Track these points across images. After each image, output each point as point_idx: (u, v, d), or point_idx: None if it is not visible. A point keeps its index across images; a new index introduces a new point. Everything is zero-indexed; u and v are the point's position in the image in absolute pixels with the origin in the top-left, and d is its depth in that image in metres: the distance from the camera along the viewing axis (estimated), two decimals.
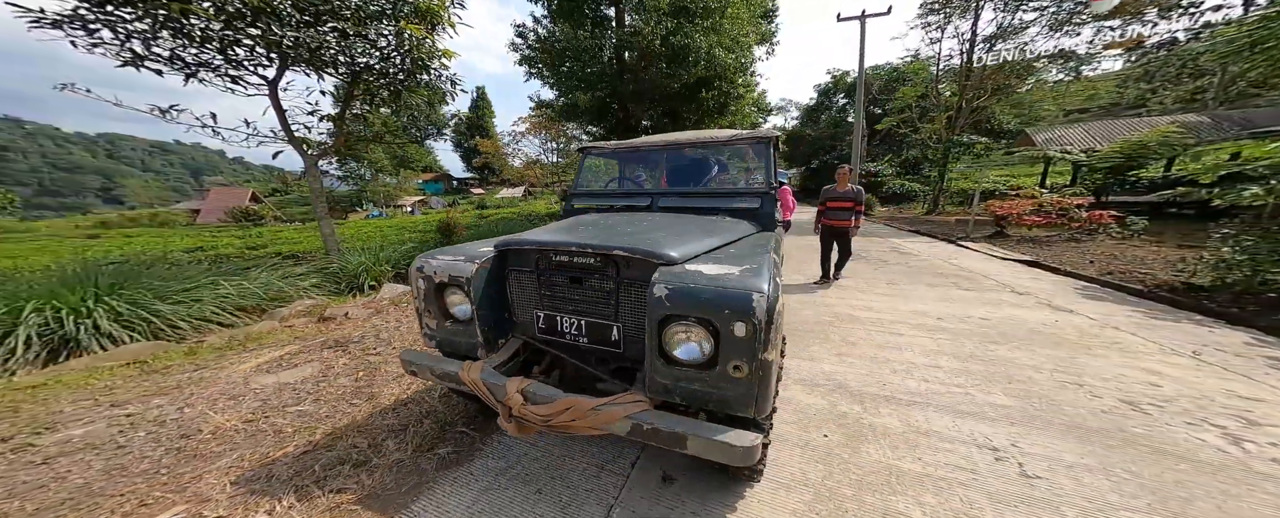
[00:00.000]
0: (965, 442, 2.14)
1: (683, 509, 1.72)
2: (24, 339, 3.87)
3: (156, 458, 2.07)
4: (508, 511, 1.70)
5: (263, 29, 4.35)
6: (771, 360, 1.39)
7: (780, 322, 1.43)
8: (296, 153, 5.13)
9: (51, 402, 2.74)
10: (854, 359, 3.12)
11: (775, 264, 1.75)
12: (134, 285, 4.78)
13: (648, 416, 1.52)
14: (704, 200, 2.71)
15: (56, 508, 1.74)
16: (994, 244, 8.14)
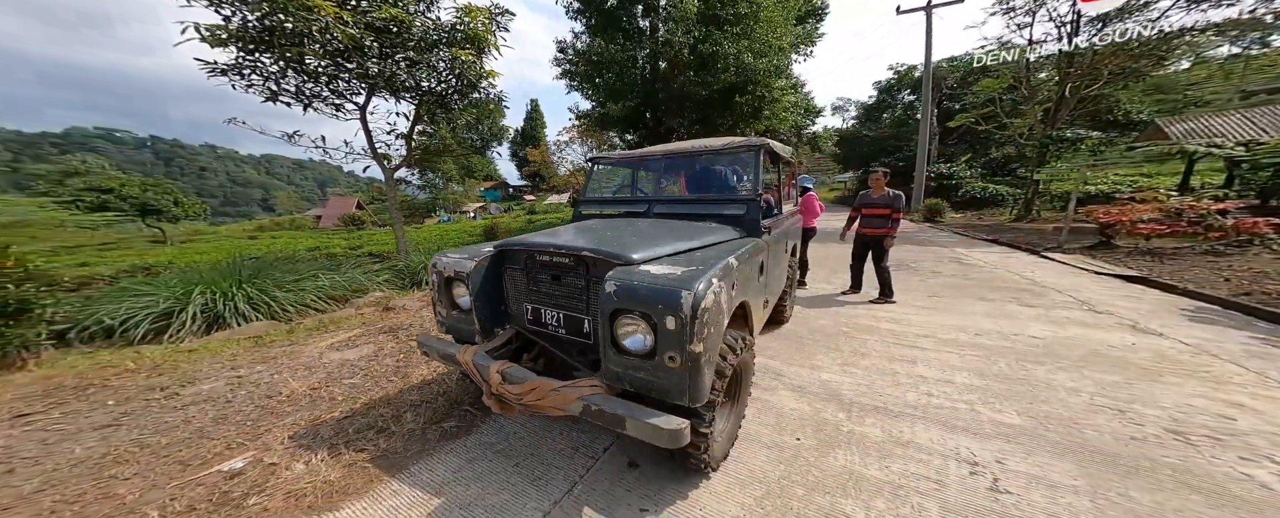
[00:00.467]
0: (945, 455, 2.07)
1: (639, 492, 1.89)
2: (191, 315, 5.01)
3: (247, 413, 2.66)
4: (485, 478, 1.99)
5: (356, 63, 5.22)
6: (700, 353, 1.53)
7: (712, 318, 1.56)
8: (378, 167, 6.06)
9: (198, 363, 3.56)
10: (858, 370, 3.04)
11: (732, 268, 1.87)
12: (263, 277, 5.91)
13: (598, 398, 1.72)
14: (695, 207, 2.85)
15: (179, 444, 2.33)
16: (1092, 256, 7.11)
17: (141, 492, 1.91)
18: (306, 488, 1.89)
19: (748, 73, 8.22)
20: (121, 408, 2.80)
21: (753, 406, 2.58)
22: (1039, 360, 3.12)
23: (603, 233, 2.32)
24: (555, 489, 1.90)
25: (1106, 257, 6.97)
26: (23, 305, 4.13)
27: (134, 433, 2.47)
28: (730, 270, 1.86)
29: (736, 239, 2.43)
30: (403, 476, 1.99)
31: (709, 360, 1.60)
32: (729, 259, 1.91)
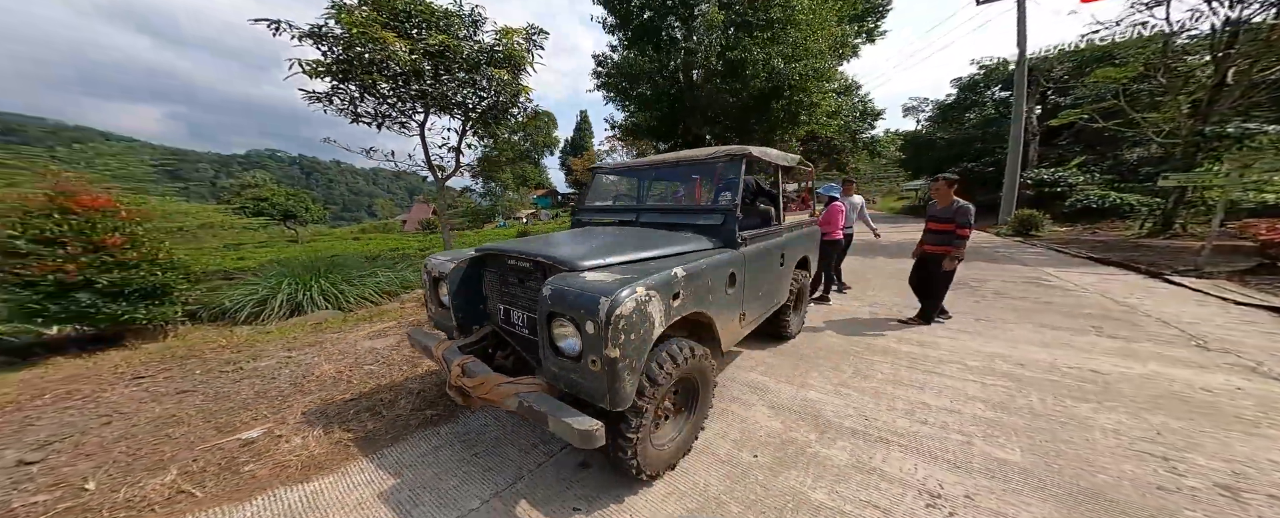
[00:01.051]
0: (908, 485, 1.91)
1: (579, 491, 1.96)
2: (279, 302, 5.91)
3: (282, 389, 3.09)
4: (445, 464, 2.16)
5: (415, 86, 5.89)
6: (616, 358, 1.58)
7: (632, 325, 1.60)
8: (433, 177, 6.75)
9: (268, 343, 4.19)
10: (852, 392, 2.85)
11: (673, 279, 1.89)
12: (336, 273, 6.79)
13: (531, 396, 1.82)
14: (675, 216, 2.86)
15: (224, 412, 2.77)
16: (1243, 282, 5.76)
17: (177, 451, 2.31)
18: (292, 460, 2.18)
19: (780, 78, 7.93)
20: (202, 377, 3.37)
21: (722, 419, 2.53)
22: (1087, 398, 2.70)
23: (569, 241, 2.43)
24: (502, 480, 2.02)
25: (1267, 284, 5.64)
26: (165, 289, 5.12)
27: (199, 399, 2.98)
28: (672, 281, 1.87)
29: (704, 250, 2.41)
30: (374, 456, 2.22)
31: (630, 367, 1.62)
32: (674, 270, 1.92)
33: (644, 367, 1.74)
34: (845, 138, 19.88)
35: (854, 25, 17.23)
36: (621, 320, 1.57)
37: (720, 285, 2.29)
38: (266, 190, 36.40)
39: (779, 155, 3.23)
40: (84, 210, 4.54)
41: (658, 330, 1.76)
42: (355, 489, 1.97)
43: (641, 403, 1.75)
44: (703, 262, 2.16)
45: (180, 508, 1.86)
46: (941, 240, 3.99)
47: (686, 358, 1.95)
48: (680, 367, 1.90)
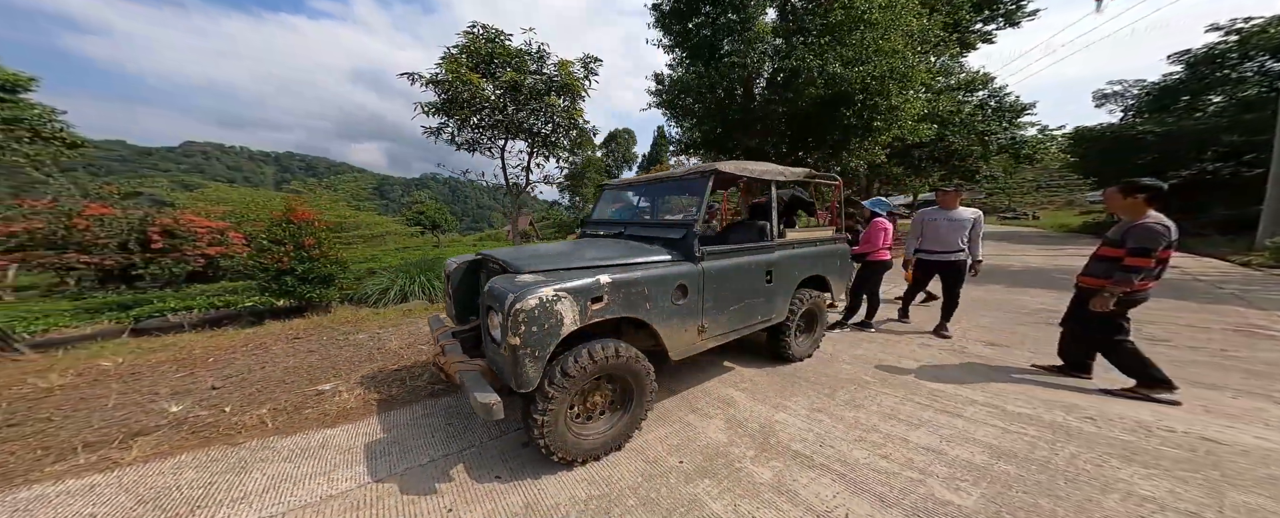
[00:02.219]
0: (811, 510, 1.86)
1: (510, 463, 2.26)
2: (392, 293, 7.35)
3: (361, 356, 3.95)
4: (422, 427, 2.63)
5: (496, 117, 6.94)
6: (516, 345, 1.88)
7: (533, 319, 1.89)
8: (509, 192, 7.82)
9: (370, 323, 5.28)
10: (825, 419, 2.69)
11: (595, 284, 2.13)
12: (434, 270, 8.15)
13: (470, 373, 2.20)
14: (652, 230, 3.02)
15: (320, 368, 3.66)
16: None
17: (280, 393, 3.16)
18: (333, 410, 2.86)
19: (840, 84, 7.27)
20: (324, 343, 4.45)
21: (673, 425, 2.63)
22: (1130, 458, 2.20)
23: (543, 250, 2.78)
24: (455, 446, 2.42)
25: None
26: (330, 278, 6.79)
27: (314, 358, 3.97)
28: (591, 287, 2.10)
29: (659, 261, 2.55)
30: (383, 414, 2.80)
31: (531, 355, 1.91)
32: (597, 278, 2.15)
33: (548, 358, 1.98)
34: (970, 141, 17.00)
35: (976, 12, 14.97)
36: (521, 314, 1.86)
37: (663, 295, 2.42)
38: (424, 206, 44.59)
39: (768, 170, 3.21)
40: (297, 221, 6.32)
41: (567, 327, 2.01)
42: (356, 437, 2.54)
43: (551, 390, 2.00)
44: (639, 273, 2.34)
45: (255, 432, 2.61)
46: (1102, 271, 2.95)
47: (609, 357, 2.15)
48: (598, 363, 2.11)
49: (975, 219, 4.22)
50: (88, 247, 10.94)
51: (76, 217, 11.28)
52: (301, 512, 1.88)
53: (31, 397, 3.10)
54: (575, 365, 2.04)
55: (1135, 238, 2.74)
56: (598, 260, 2.42)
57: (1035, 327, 4.69)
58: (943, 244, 4.26)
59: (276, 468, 2.21)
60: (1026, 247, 13.98)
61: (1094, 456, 2.22)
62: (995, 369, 3.50)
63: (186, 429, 2.63)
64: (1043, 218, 34.57)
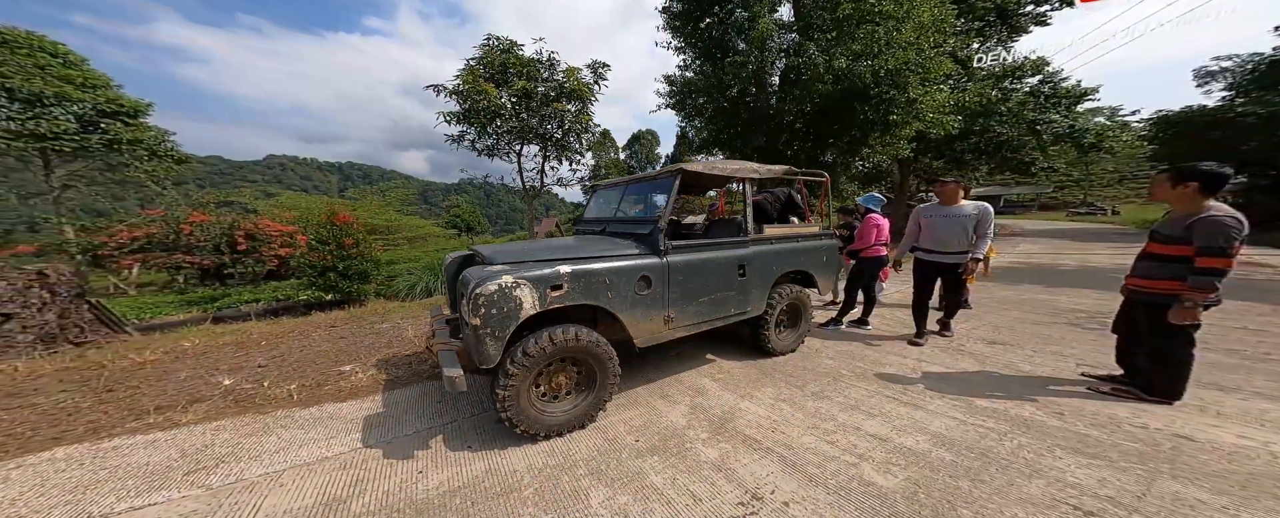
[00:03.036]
0: (743, 486, 1.99)
1: (484, 436, 2.50)
2: (420, 288, 7.97)
3: (380, 343, 4.39)
4: (418, 404, 2.94)
5: (510, 124, 7.37)
6: (476, 325, 2.15)
7: (491, 303, 2.13)
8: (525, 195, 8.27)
9: (393, 314, 5.81)
10: (787, 408, 2.78)
11: (554, 274, 2.36)
12: None
13: (446, 353, 2.48)
14: (626, 227, 3.22)
15: (343, 353, 4.13)
16: None
17: (309, 371, 3.61)
18: (346, 388, 3.26)
19: (850, 79, 7.03)
20: (354, 331, 4.96)
21: (639, 408, 2.81)
22: (1088, 451, 2.16)
23: (524, 246, 3.03)
24: (439, 420, 2.71)
25: None
26: (366, 275, 7.50)
27: (344, 343, 4.46)
28: (550, 276, 2.34)
29: (627, 254, 2.74)
30: (386, 393, 3.16)
31: (491, 335, 2.16)
32: (557, 268, 2.38)
33: (508, 338, 2.22)
34: (1020, 131, 15.81)
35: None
36: (481, 298, 2.12)
37: (626, 286, 2.62)
38: (460, 210, 47.00)
39: (741, 169, 3.32)
40: (339, 224, 7.06)
41: (526, 311, 2.24)
42: (360, 411, 2.89)
43: (512, 368, 2.24)
44: (599, 264, 2.54)
45: (282, 403, 3.02)
46: (1168, 272, 2.45)
47: (569, 340, 2.36)
48: (558, 346, 2.33)
49: (980, 214, 3.72)
50: (191, 248, 12.47)
51: (183, 223, 12.91)
52: (300, 469, 2.21)
53: (129, 368, 3.72)
54: (535, 346, 2.27)
55: (1205, 234, 2.26)
56: (565, 254, 2.64)
57: (1051, 327, 4.48)
58: (940, 244, 3.84)
59: (291, 434, 2.59)
60: (1093, 244, 12.93)
61: (1042, 446, 2.21)
62: (984, 367, 3.43)
63: (232, 398, 3.10)
64: (1125, 212, 31.43)
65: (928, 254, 3.97)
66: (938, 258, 3.89)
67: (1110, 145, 18.59)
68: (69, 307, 4.23)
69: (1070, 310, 5.15)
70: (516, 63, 6.89)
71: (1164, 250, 2.52)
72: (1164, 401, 2.67)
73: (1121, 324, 2.92)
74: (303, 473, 2.18)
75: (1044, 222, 29.29)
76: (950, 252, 3.82)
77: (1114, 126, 20.03)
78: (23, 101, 13.35)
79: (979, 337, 4.21)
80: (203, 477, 2.15)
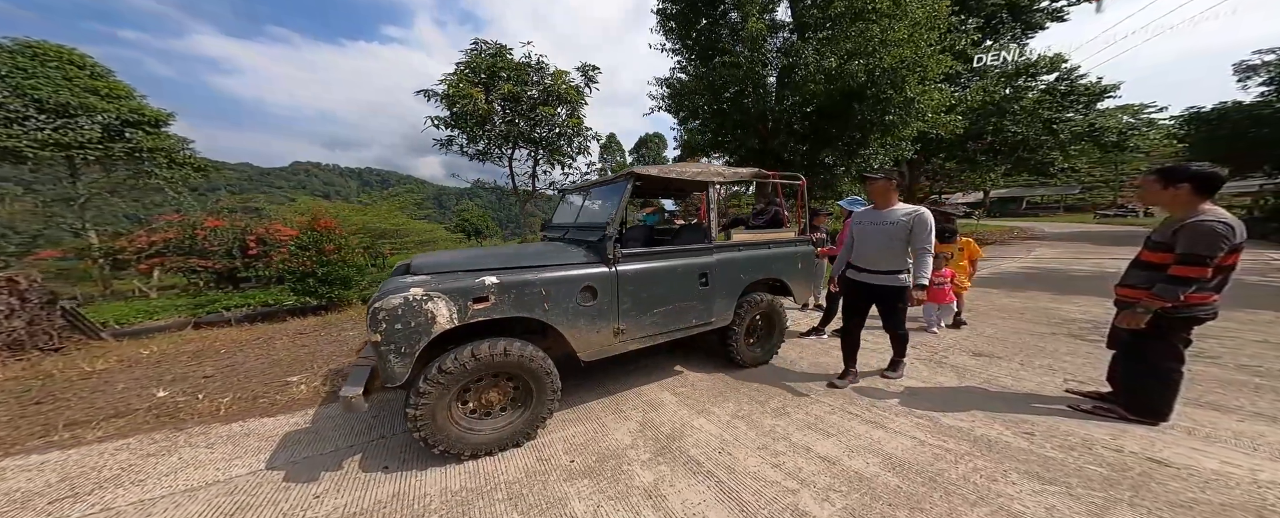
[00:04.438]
0: (670, 514, 1.83)
1: (407, 455, 2.37)
2: None
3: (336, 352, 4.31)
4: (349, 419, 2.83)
5: (499, 129, 7.36)
6: (377, 342, 2.01)
7: (395, 318, 1.99)
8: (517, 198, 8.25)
9: None
10: (742, 426, 2.62)
11: (486, 285, 2.24)
12: None
13: (359, 367, 2.40)
14: (580, 233, 3.11)
15: (298, 362, 4.09)
16: None
17: (253, 383, 3.54)
18: (285, 400, 3.18)
19: (843, 78, 6.78)
20: (319, 339, 4.96)
21: (586, 424, 2.69)
22: (1046, 477, 1.97)
23: (462, 253, 2.90)
24: (362, 438, 2.59)
25: None
26: (348, 280, 7.53)
27: (303, 352, 4.42)
28: (473, 288, 2.20)
29: (571, 263, 2.62)
30: (322, 406, 3.05)
31: (396, 351, 2.01)
32: (481, 278, 2.25)
33: (418, 354, 2.05)
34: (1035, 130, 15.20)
35: None
36: (382, 313, 1.98)
37: (566, 297, 2.49)
38: (468, 214, 47.79)
39: (702, 171, 3.19)
40: (321, 229, 7.11)
41: (441, 326, 2.09)
42: (283, 426, 2.77)
43: (425, 386, 2.09)
44: (534, 274, 2.42)
45: (206, 418, 2.91)
46: (1146, 281, 2.33)
47: (496, 355, 2.23)
48: (483, 362, 2.20)
49: (914, 223, 2.76)
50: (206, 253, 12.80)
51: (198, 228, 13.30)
52: (179, 496, 2.06)
53: (73, 379, 3.70)
54: (454, 363, 2.13)
55: (1187, 240, 2.10)
56: (499, 263, 2.48)
57: (1048, 338, 4.22)
58: (866, 260, 3.02)
59: (195, 454, 2.45)
60: (1115, 248, 12.32)
61: (997, 470, 2.02)
62: (963, 381, 3.21)
63: (156, 413, 2.98)
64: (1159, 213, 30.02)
65: (856, 273, 3.12)
66: (866, 278, 3.05)
67: (1136, 144, 17.82)
68: (39, 313, 4.30)
69: (1074, 320, 4.86)
70: (506, 67, 6.89)
71: (1155, 258, 2.31)
72: (1149, 421, 2.46)
73: (1116, 339, 2.68)
74: (180, 501, 2.02)
75: (1068, 224, 28.21)
76: (879, 270, 2.97)
77: (1139, 124, 19.19)
78: (51, 112, 13.98)
79: (966, 348, 3.97)
80: (65, 507, 1.98)
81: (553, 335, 2.64)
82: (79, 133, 14.15)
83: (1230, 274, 2.20)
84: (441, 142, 7.63)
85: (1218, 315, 2.25)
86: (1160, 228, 2.34)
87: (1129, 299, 2.42)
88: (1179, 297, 2.16)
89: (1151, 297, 2.22)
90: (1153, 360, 2.39)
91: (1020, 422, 2.55)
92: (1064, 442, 2.31)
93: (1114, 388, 2.74)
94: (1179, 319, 2.25)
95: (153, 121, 16.31)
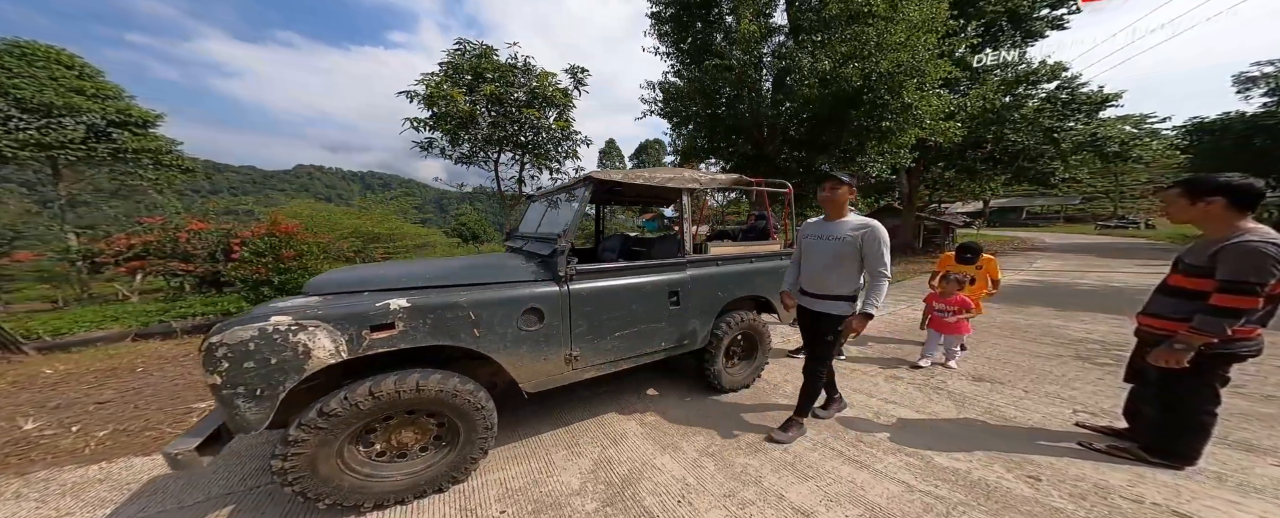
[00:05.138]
0: None
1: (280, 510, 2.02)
2: None
3: None
4: (239, 459, 2.46)
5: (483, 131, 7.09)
6: (217, 384, 1.60)
7: (245, 354, 1.59)
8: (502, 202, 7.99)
9: None
10: (710, 464, 2.31)
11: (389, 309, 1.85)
12: None
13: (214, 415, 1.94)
14: (535, 246, 2.80)
15: None
16: None
17: (150, 411, 3.11)
18: (171, 434, 2.79)
19: (838, 82, 6.53)
20: None
21: (533, 462, 2.38)
22: None
23: (372, 268, 2.55)
24: (252, 483, 2.23)
25: None
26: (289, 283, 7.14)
27: None
28: (378, 312, 1.83)
29: (506, 281, 2.30)
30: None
31: (242, 394, 1.60)
32: (387, 302, 1.87)
33: (280, 399, 1.66)
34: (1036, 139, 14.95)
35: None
36: (221, 350, 1.56)
37: (503, 321, 2.16)
38: (466, 218, 47.88)
39: (675, 177, 2.90)
40: (281, 234, 6.76)
41: (320, 361, 1.69)
42: (153, 470, 2.36)
43: (299, 433, 1.70)
44: (460, 295, 2.07)
45: (65, 457, 2.52)
46: (1192, 311, 1.89)
47: (406, 391, 1.85)
48: (385, 400, 1.82)
49: (864, 238, 2.24)
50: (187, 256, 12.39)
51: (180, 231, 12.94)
52: None
53: None
54: (344, 404, 1.75)
55: (1233, 265, 1.76)
56: (415, 281, 2.13)
57: (1054, 360, 3.90)
58: (810, 280, 2.49)
59: (19, 509, 2.05)
60: (1119, 261, 12.03)
61: None
62: (961, 411, 2.89)
63: (11, 450, 2.61)
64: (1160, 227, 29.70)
65: (803, 296, 2.57)
66: (808, 301, 2.51)
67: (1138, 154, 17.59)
68: None
69: (1081, 341, 4.54)
70: (491, 68, 6.64)
71: (1189, 284, 1.97)
72: (1173, 464, 2.14)
73: (1134, 372, 2.37)
74: None
75: (1069, 235, 27.95)
76: (823, 294, 2.40)
77: (1141, 134, 18.98)
78: (33, 112, 13.75)
79: (965, 372, 3.65)
80: None
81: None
82: (62, 133, 13.91)
83: (1277, 305, 1.88)
84: (422, 144, 7.36)
85: (1263, 351, 1.93)
86: (1193, 248, 2.02)
87: (1155, 331, 2.11)
88: (1225, 331, 1.82)
89: (1191, 331, 1.87)
90: (1185, 402, 2.07)
91: (1025, 463, 2.24)
92: (1074, 488, 1.99)
93: (1130, 425, 2.43)
94: (1218, 357, 1.93)
95: (140, 122, 16.10)
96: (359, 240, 8.09)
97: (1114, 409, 2.78)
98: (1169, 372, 1.97)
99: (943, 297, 3.77)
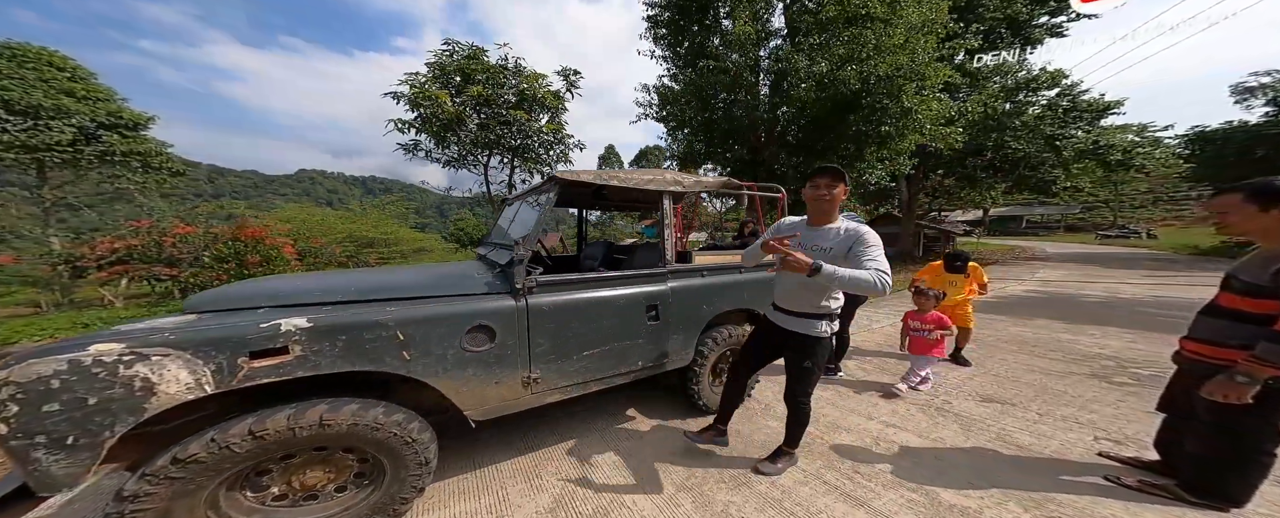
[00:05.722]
0: None
1: None
2: None
3: None
4: None
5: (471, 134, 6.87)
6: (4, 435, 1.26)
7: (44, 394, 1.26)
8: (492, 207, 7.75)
9: None
10: (687, 501, 2.03)
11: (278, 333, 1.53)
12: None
13: None
14: (496, 253, 2.54)
15: None
16: None
17: None
18: None
19: (835, 85, 6.32)
20: None
21: (484, 499, 2.10)
22: None
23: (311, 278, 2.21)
24: None
25: None
26: None
27: None
28: (261, 335, 1.50)
29: (450, 293, 2.02)
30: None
31: (42, 445, 1.26)
32: (276, 322, 1.54)
33: (105, 445, 1.32)
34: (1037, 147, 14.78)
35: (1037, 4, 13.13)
36: (6, 388, 1.22)
37: (442, 341, 1.85)
38: (464, 223, 48.09)
39: (654, 179, 2.63)
40: (246, 238, 6.53)
41: (162, 399, 1.37)
42: None
43: (142, 486, 1.37)
44: (374, 313, 1.75)
45: None
46: (1248, 336, 1.66)
47: (305, 428, 1.54)
48: (274, 440, 1.51)
49: (852, 241, 1.88)
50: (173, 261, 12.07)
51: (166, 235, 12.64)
52: None
53: None
54: (210, 449, 1.42)
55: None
56: (328, 295, 1.84)
57: (1067, 378, 3.63)
58: (781, 295, 2.16)
59: None
60: (1124, 272, 11.77)
61: None
62: (969, 437, 2.61)
63: None
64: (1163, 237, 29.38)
65: (773, 311, 2.23)
66: (779, 318, 2.15)
67: (1140, 163, 17.41)
68: None
69: (1094, 356, 4.26)
70: (480, 69, 6.42)
71: (1245, 305, 1.71)
72: (1218, 506, 1.86)
73: (1170, 402, 2.09)
74: None
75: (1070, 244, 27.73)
76: (797, 312, 2.05)
77: (1144, 143, 18.82)
78: (20, 114, 13.55)
79: (971, 391, 3.37)
80: None
81: None
82: (49, 135, 13.71)
83: None
84: (406, 147, 7.13)
85: None
86: (1248, 264, 1.76)
87: (1204, 359, 1.83)
88: None
89: (1253, 360, 1.60)
90: (1243, 440, 1.78)
91: (1045, 502, 1.96)
92: None
93: (1163, 458, 2.15)
94: (1246, 387, 1.65)
95: (131, 124, 15.90)
96: (352, 245, 7.85)
97: (1140, 437, 2.51)
98: (1224, 406, 1.70)
99: (919, 313, 3.49)
